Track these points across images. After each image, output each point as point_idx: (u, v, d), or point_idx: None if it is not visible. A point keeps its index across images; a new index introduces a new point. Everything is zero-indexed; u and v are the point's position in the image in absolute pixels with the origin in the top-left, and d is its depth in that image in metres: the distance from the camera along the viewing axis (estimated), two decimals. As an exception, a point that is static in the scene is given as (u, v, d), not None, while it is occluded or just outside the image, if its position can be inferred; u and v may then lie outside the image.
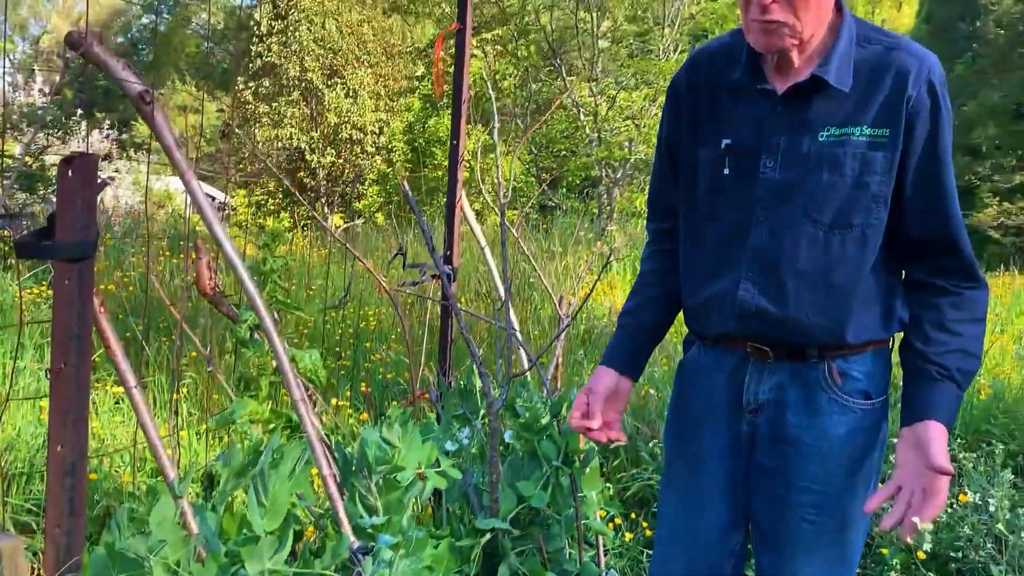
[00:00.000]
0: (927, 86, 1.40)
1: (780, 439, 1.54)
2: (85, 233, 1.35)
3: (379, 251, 10.00)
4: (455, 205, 3.14)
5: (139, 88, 1.50)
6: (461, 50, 3.02)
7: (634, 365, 1.70)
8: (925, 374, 1.45)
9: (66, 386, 1.35)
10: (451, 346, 3.23)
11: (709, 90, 1.56)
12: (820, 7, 1.39)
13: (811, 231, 1.44)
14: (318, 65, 16.67)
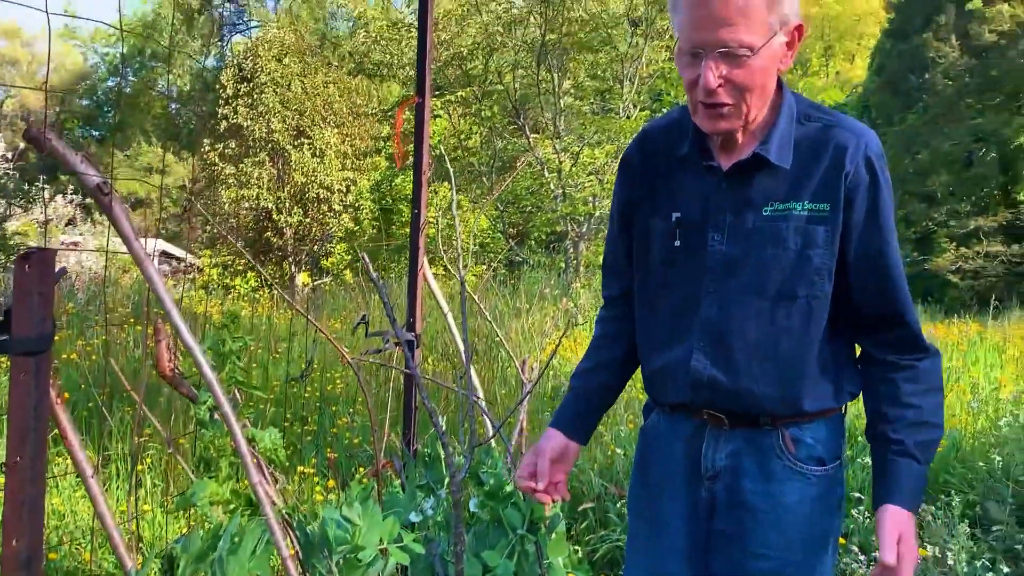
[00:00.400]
0: (864, 161, 1.44)
1: (737, 505, 1.56)
2: (41, 327, 1.37)
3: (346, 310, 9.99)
4: (417, 272, 3.17)
5: (97, 180, 1.53)
6: (421, 122, 3.09)
7: (582, 428, 1.71)
8: (885, 454, 1.48)
9: (21, 479, 1.36)
10: (415, 414, 3.23)
11: (660, 163, 1.60)
12: (764, 90, 1.44)
13: (758, 303, 1.48)
14: (284, 126, 16.81)
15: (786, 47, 1.42)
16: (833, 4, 34.47)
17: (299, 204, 17.33)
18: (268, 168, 17.00)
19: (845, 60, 36.10)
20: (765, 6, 1.35)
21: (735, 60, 1.37)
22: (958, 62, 20.52)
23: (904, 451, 1.46)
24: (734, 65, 1.37)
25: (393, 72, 15.20)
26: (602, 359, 1.74)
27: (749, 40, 1.35)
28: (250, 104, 17.01)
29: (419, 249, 3.18)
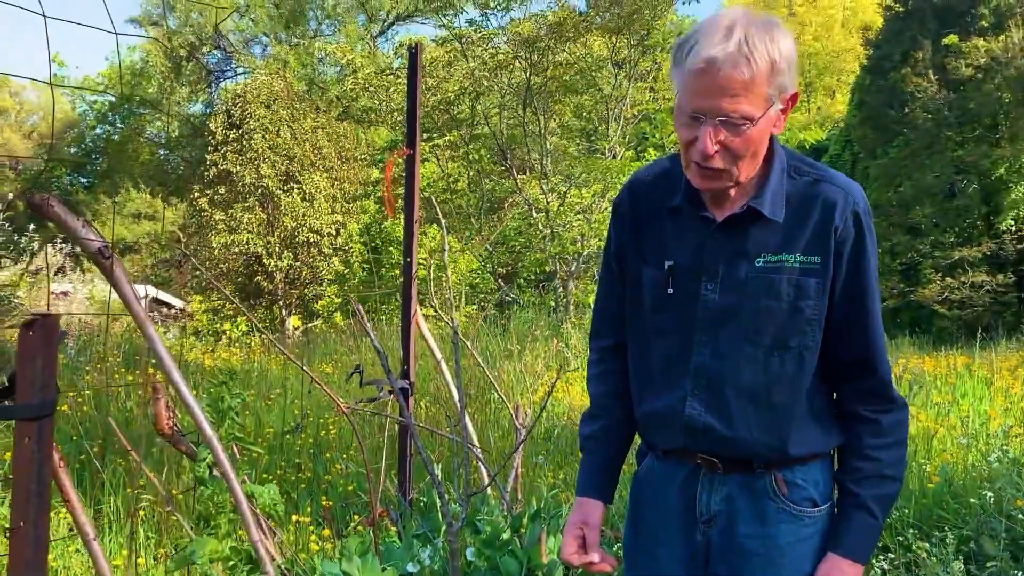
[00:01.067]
0: (852, 217, 1.49)
1: (732, 549, 1.58)
2: (45, 392, 1.39)
3: (337, 354, 9.97)
4: (410, 320, 3.21)
5: (98, 245, 1.56)
6: (411, 173, 3.15)
7: (610, 489, 1.75)
8: (841, 504, 1.55)
9: (24, 545, 1.37)
10: (411, 461, 3.25)
11: (651, 212, 1.64)
12: (758, 155, 1.49)
13: (751, 352, 1.52)
14: (273, 171, 16.90)
15: (780, 113, 1.46)
16: (812, 41, 35.07)
17: (289, 248, 17.37)
18: (258, 213, 17.06)
19: (826, 95, 36.64)
20: (767, 79, 1.39)
21: (734, 129, 1.40)
22: (936, 96, 20.87)
23: (858, 503, 1.52)
24: (732, 133, 1.40)
25: (381, 117, 15.36)
26: (615, 418, 1.75)
27: (749, 111, 1.39)
28: (239, 150, 17.11)
29: (411, 298, 3.21)
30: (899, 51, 21.87)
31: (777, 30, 1.41)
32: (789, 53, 1.41)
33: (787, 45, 1.41)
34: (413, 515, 2.83)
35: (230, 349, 11.00)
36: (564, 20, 12.45)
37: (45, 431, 1.40)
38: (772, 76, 1.39)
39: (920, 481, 3.87)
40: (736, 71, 1.36)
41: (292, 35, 30.02)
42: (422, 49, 3.26)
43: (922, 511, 3.65)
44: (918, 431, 4.76)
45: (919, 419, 5.02)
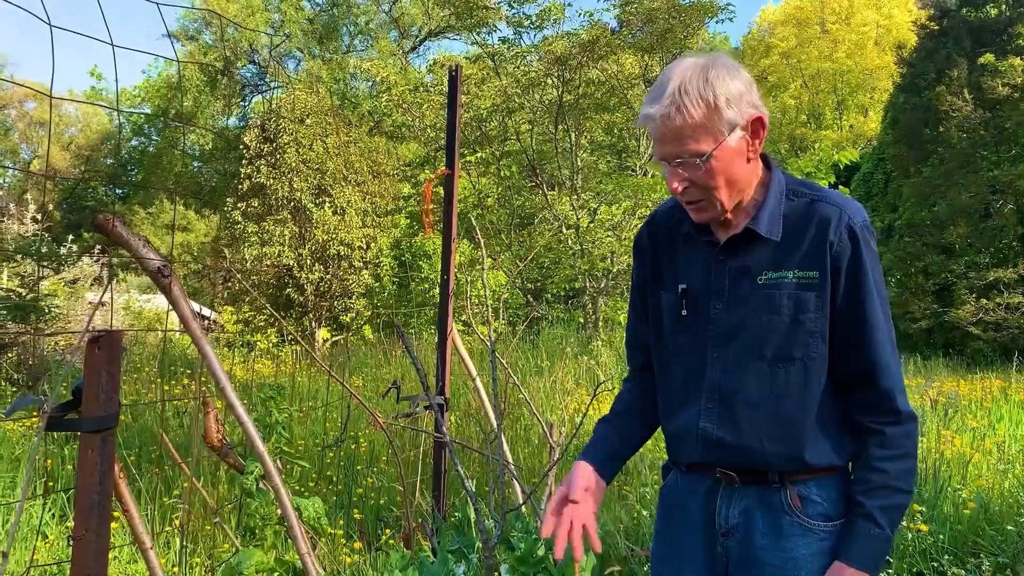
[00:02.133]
0: (847, 232, 1.57)
1: (750, 561, 1.64)
2: (108, 405, 1.45)
3: (367, 367, 10.06)
4: (447, 337, 3.26)
5: (158, 264, 1.62)
6: (450, 193, 3.20)
7: (611, 466, 1.75)
8: (850, 513, 1.59)
9: (87, 553, 1.42)
10: (445, 476, 3.28)
11: (667, 241, 1.76)
12: (733, 183, 1.58)
13: (757, 365, 1.60)
14: (306, 185, 17.09)
15: (750, 138, 1.56)
16: (845, 59, 34.86)
17: (320, 261, 17.52)
18: (290, 226, 17.24)
19: (858, 113, 36.38)
20: (705, 119, 1.51)
21: (692, 167, 1.53)
22: (972, 115, 20.65)
23: (864, 513, 1.56)
24: (693, 170, 1.53)
25: (414, 133, 15.49)
26: (634, 407, 1.83)
27: (698, 149, 1.51)
28: (273, 163, 17.34)
29: (448, 314, 3.26)
30: (933, 69, 21.68)
31: (715, 71, 1.53)
32: (727, 88, 1.51)
33: (724, 83, 1.52)
34: (448, 531, 2.86)
35: (262, 360, 11.11)
36: (597, 38, 12.52)
37: (108, 443, 1.46)
38: (712, 114, 1.50)
39: (956, 507, 3.84)
40: (670, 121, 1.51)
41: (325, 51, 30.41)
42: (461, 71, 3.32)
43: (957, 537, 3.62)
44: (953, 455, 4.71)
45: (954, 443, 4.97)
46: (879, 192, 24.66)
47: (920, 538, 3.41)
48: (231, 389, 1.61)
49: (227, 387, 1.58)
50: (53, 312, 8.32)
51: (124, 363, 8.22)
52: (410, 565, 1.88)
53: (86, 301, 9.04)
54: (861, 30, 35.26)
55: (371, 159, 18.46)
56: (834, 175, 6.36)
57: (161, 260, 1.65)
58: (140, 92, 35.50)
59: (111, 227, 1.61)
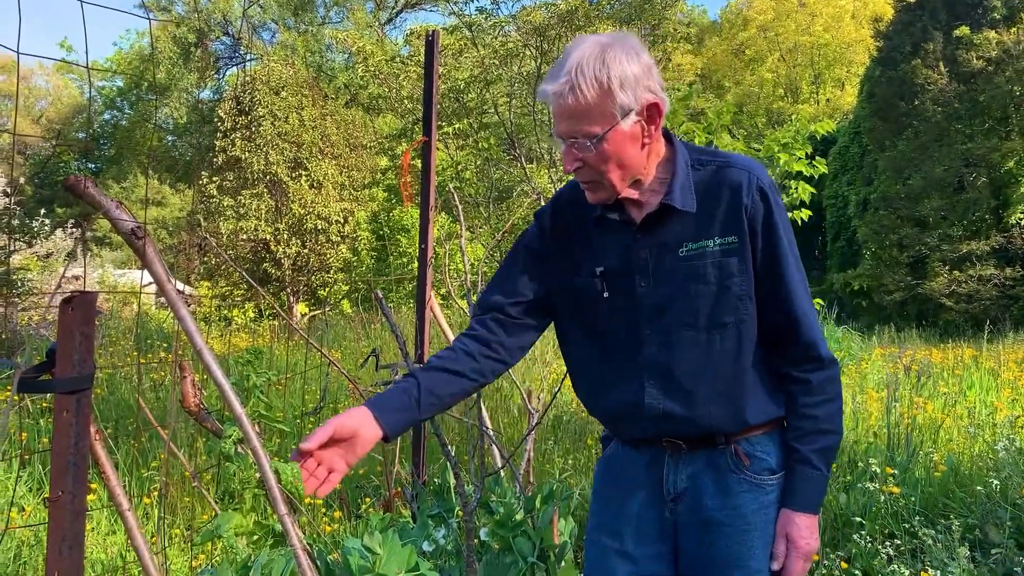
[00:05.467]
0: (758, 193, 1.61)
1: (700, 523, 1.68)
2: (83, 367, 1.43)
3: (346, 339, 10.04)
4: (425, 306, 3.25)
5: (131, 225, 1.60)
6: (427, 161, 3.18)
7: (396, 416, 1.60)
8: (788, 461, 1.66)
9: (63, 514, 1.42)
10: (424, 444, 3.29)
11: (576, 225, 1.75)
12: (623, 167, 1.59)
13: (693, 335, 1.63)
14: (282, 158, 16.93)
15: (645, 124, 1.57)
16: (822, 32, 34.88)
17: (297, 235, 17.41)
18: (266, 200, 17.10)
19: (835, 87, 36.47)
20: (599, 101, 1.51)
21: (584, 147, 1.54)
22: (947, 88, 20.78)
23: (801, 459, 1.64)
24: (585, 151, 1.54)
25: (390, 105, 15.34)
26: (459, 364, 1.70)
27: (590, 131, 1.52)
28: (248, 137, 17.15)
29: (426, 283, 3.25)
30: (910, 42, 21.77)
31: (612, 52, 1.52)
32: (623, 71, 1.52)
33: (621, 65, 1.52)
34: (427, 496, 2.87)
35: (239, 335, 11.06)
36: (575, 9, 12.43)
37: (83, 404, 1.45)
38: (606, 96, 1.50)
39: (927, 470, 3.91)
40: (563, 100, 1.51)
41: (300, 22, 29.99)
42: (439, 37, 3.29)
43: (928, 499, 3.69)
44: (925, 421, 4.80)
45: (926, 409, 5.06)
46: (855, 166, 24.83)
47: (892, 500, 3.47)
48: (208, 351, 1.60)
49: (203, 349, 1.57)
50: (27, 286, 8.21)
51: (100, 336, 8.15)
52: (389, 527, 1.89)
53: (60, 275, 8.93)
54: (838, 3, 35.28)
55: (348, 132, 18.31)
56: (811, 146, 6.37)
57: (134, 221, 1.63)
58: (112, 64, 34.89)
59: (83, 188, 1.59)
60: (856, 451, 4.07)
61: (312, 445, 1.48)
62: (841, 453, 4.05)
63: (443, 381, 1.69)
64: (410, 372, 1.70)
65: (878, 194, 22.26)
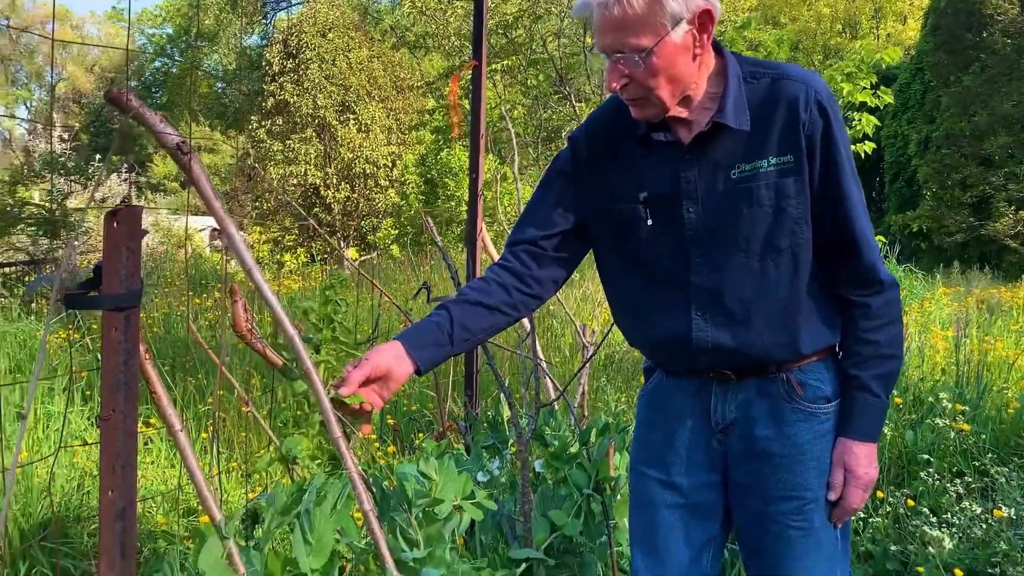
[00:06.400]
0: (816, 107, 1.48)
1: (752, 453, 1.61)
2: (130, 283, 1.39)
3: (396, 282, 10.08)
4: (476, 237, 3.18)
5: (176, 140, 1.54)
6: (477, 86, 3.08)
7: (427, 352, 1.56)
8: (846, 388, 1.58)
9: (115, 433, 1.39)
10: (476, 376, 3.26)
11: (615, 148, 1.62)
12: (674, 82, 1.47)
13: (745, 262, 1.52)
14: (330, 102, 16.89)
15: (697, 33, 1.45)
16: (884, -37, 33.41)
17: (346, 180, 17.45)
18: (315, 144, 17.13)
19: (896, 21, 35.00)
20: (646, 11, 1.39)
21: (632, 62, 1.43)
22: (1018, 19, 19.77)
23: (860, 385, 1.56)
24: (633, 66, 1.44)
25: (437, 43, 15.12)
26: (492, 296, 1.63)
27: (638, 44, 1.42)
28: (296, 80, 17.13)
29: (477, 214, 3.18)
30: (979, -29, 20.70)
31: None
32: None
33: None
34: (481, 428, 2.84)
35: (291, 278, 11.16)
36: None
37: (132, 322, 1.41)
38: (654, 4, 1.40)
39: (998, 408, 3.77)
40: (608, 11, 1.41)
41: (346, -37, 29.65)
42: (488, -43, 3.15)
43: (999, 437, 3.56)
44: (995, 359, 4.62)
45: (996, 347, 4.87)
46: (916, 103, 23.88)
47: (962, 438, 3.35)
48: (258, 271, 1.55)
49: (253, 268, 1.52)
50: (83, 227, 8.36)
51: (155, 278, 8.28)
52: (445, 453, 1.85)
53: (115, 219, 9.05)
54: (902, -69, 33.66)
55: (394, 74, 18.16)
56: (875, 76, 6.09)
57: (179, 136, 1.57)
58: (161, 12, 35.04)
59: (126, 101, 1.53)
60: (921, 389, 3.94)
61: (351, 389, 1.47)
62: (905, 391, 3.92)
63: (476, 315, 1.63)
64: (442, 304, 1.64)
65: (941, 132, 21.42)
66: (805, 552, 1.60)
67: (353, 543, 1.75)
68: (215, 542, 1.36)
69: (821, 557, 1.61)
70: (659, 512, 1.71)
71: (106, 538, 1.40)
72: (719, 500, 1.70)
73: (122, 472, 1.41)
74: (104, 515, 1.41)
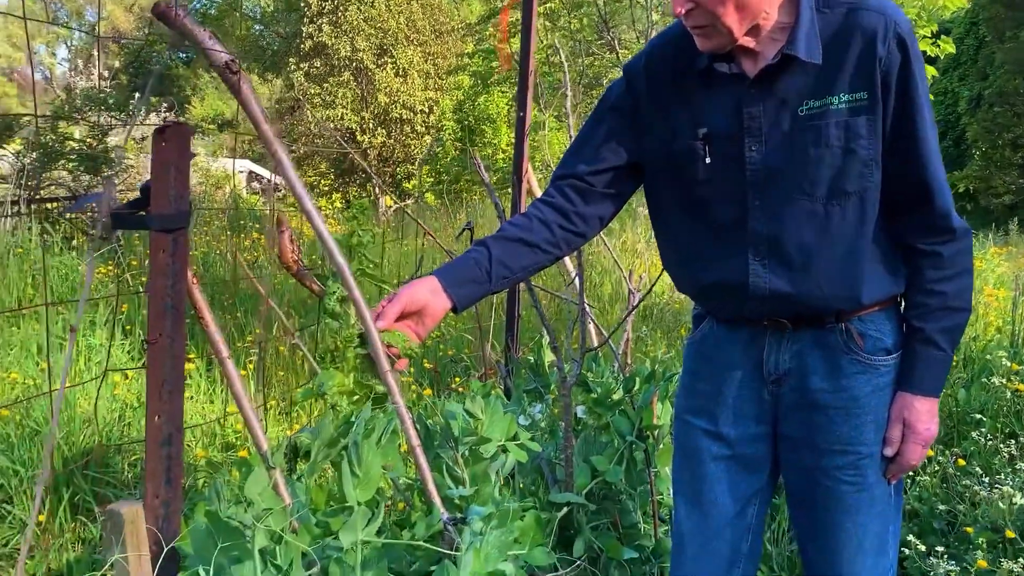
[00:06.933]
0: (896, 41, 1.38)
1: (806, 405, 1.54)
2: (179, 203, 1.35)
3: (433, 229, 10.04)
4: (522, 178, 3.10)
5: (226, 57, 1.49)
6: (528, 20, 2.97)
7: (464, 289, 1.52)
8: (909, 341, 1.50)
9: (162, 357, 1.36)
10: (518, 320, 3.21)
11: (674, 80, 1.53)
12: (742, 9, 1.37)
13: (809, 206, 1.44)
14: (368, 44, 16.73)
15: None
16: (943, -89, 32.09)
17: (382, 125, 17.35)
18: (352, 88, 17.01)
19: (953, -27, 33.78)
20: None
21: None
22: (1082, -28, 18.96)
23: (924, 338, 1.47)
24: None
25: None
26: (534, 233, 1.58)
27: None
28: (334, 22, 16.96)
29: (524, 154, 3.10)
30: (1043, -81, 19.81)
31: None
32: None
33: None
34: (522, 372, 2.80)
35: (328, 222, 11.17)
36: None
37: (180, 244, 1.37)
38: None
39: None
40: None
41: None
42: None
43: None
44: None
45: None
46: (969, 59, 23.10)
47: (1017, 399, 3.25)
48: (309, 198, 1.50)
49: (304, 196, 1.47)
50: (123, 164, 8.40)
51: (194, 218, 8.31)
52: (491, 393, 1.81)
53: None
54: None
55: (433, 18, 17.91)
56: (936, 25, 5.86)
57: (228, 54, 1.50)
58: (199, -48, 34.76)
59: (174, 16, 1.47)
60: (973, 348, 3.82)
61: (387, 323, 1.44)
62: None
63: (516, 252, 1.57)
64: (481, 241, 1.58)
65: (994, 90, 20.73)
66: (857, 508, 1.55)
67: (399, 478, 1.73)
68: (261, 472, 1.33)
69: (874, 513, 1.56)
70: (705, 463, 1.66)
71: (152, 464, 1.38)
72: (767, 453, 1.65)
73: (169, 398, 1.39)
74: (150, 441, 1.39)
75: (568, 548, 2.36)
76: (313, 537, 1.49)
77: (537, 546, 1.64)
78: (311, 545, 1.46)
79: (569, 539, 2.39)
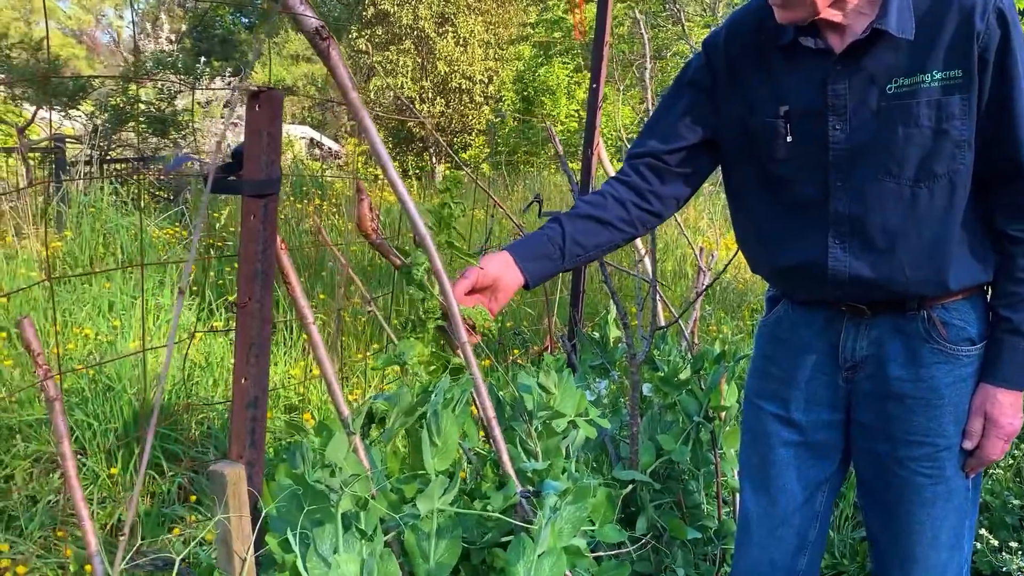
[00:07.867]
0: (995, 15, 1.30)
1: (883, 394, 1.50)
2: (271, 169, 1.36)
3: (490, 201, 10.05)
4: (593, 151, 3.07)
5: (315, 23, 1.48)
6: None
7: (538, 264, 1.53)
8: (994, 331, 1.45)
9: (251, 320, 1.38)
10: (582, 295, 3.19)
11: (755, 55, 1.48)
12: None
13: (895, 188, 1.38)
14: (430, 13, 16.68)
15: None
16: None
17: (441, 95, 17.33)
18: (413, 56, 17.01)
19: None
20: None
21: None
22: None
23: (1011, 328, 1.42)
24: None
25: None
26: (609, 211, 1.58)
27: None
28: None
29: (596, 125, 3.05)
30: None
31: None
32: None
33: None
34: (587, 348, 2.79)
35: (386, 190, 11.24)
36: None
37: (270, 209, 1.38)
38: None
39: None
40: None
41: None
42: None
43: None
44: None
45: None
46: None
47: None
48: (393, 168, 1.49)
49: (388, 164, 1.47)
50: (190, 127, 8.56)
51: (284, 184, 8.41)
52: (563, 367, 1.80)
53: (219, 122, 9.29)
54: None
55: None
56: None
57: (319, 21, 1.50)
58: (264, -84, 35.00)
59: (266, -18, 1.46)
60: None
61: (458, 296, 1.44)
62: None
63: (589, 230, 1.56)
64: (555, 217, 1.57)
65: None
66: (934, 500, 1.51)
67: (473, 449, 1.74)
68: (342, 436, 1.34)
69: (951, 507, 1.52)
70: (774, 448, 1.64)
71: (237, 425, 1.41)
72: (839, 440, 1.61)
73: (256, 360, 1.41)
74: (237, 403, 1.41)
75: (630, 526, 2.36)
76: (389, 503, 1.50)
77: (607, 523, 1.64)
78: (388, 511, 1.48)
79: (631, 517, 2.39)
